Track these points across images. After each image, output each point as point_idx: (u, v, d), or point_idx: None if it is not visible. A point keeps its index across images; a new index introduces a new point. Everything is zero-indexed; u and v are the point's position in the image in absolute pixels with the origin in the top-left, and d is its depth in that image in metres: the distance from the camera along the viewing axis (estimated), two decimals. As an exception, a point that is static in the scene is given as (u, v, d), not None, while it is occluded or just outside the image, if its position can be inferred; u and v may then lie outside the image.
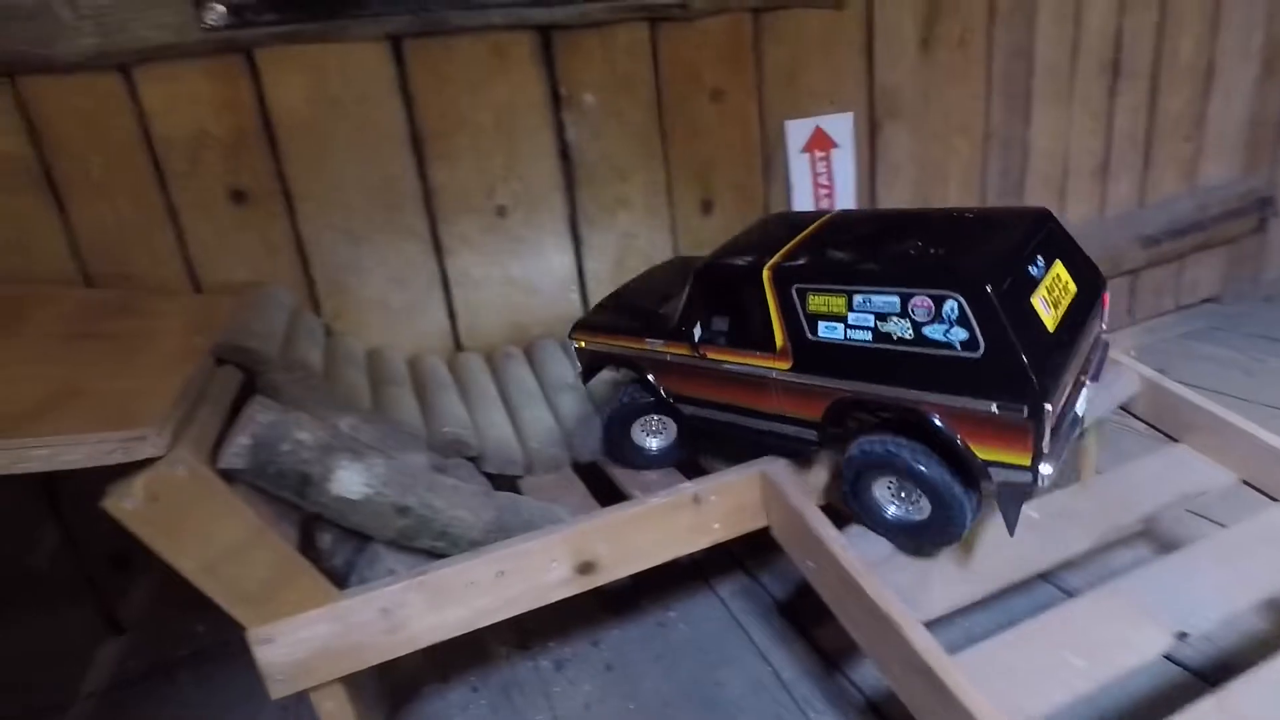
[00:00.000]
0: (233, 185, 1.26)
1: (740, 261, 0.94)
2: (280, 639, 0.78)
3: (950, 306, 0.78)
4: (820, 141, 1.68)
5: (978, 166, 1.90)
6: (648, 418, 1.12)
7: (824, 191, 1.71)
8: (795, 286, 0.88)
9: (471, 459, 1.10)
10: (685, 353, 1.01)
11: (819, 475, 1.03)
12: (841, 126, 1.69)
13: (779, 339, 0.91)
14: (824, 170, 1.69)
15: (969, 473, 0.83)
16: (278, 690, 0.79)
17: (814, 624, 1.25)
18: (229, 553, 0.73)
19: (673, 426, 1.12)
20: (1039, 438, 0.76)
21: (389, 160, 1.34)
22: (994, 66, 1.82)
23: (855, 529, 0.94)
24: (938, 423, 0.81)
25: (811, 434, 0.94)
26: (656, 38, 1.47)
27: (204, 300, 1.21)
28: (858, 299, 0.83)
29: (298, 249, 1.33)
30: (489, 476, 1.09)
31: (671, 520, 0.94)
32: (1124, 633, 0.83)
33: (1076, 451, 1.29)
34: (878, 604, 0.78)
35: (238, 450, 0.72)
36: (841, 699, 1.10)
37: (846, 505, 0.94)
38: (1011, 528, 0.84)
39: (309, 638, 0.79)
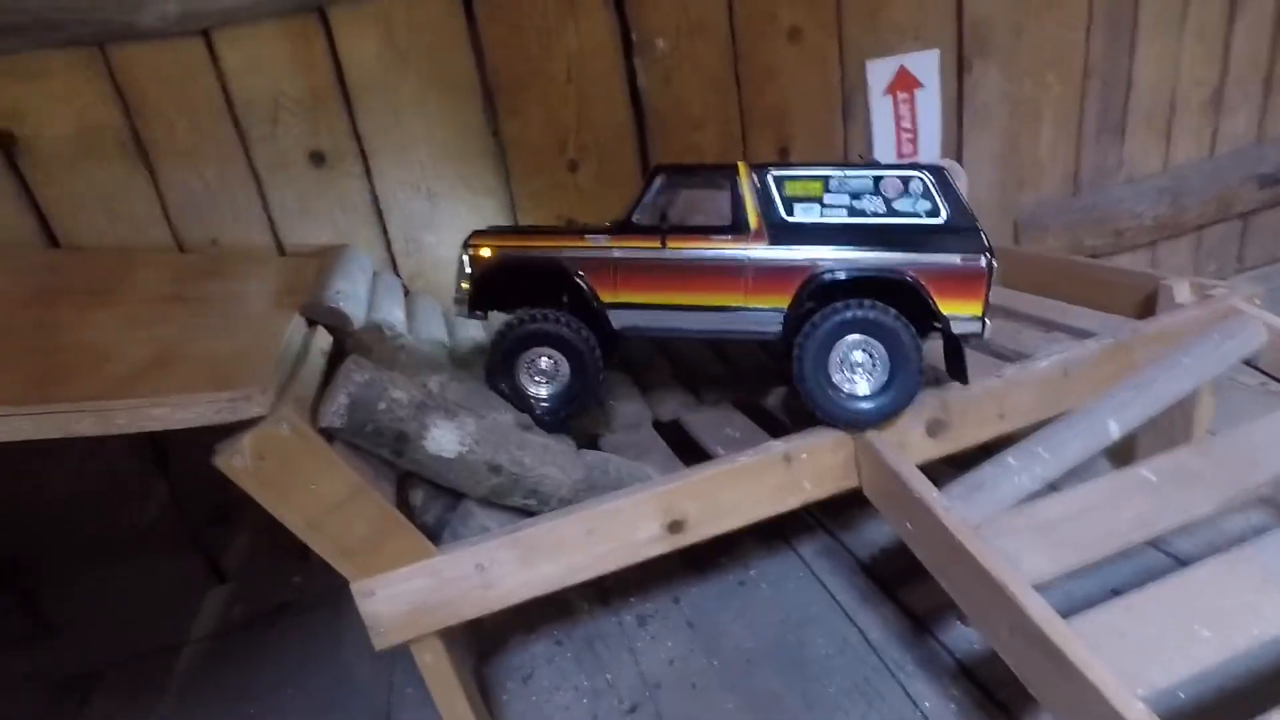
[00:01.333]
0: (311, 147, 1.27)
1: (711, 164, 1.00)
2: (381, 592, 0.80)
3: (916, 184, 0.94)
4: (904, 82, 1.58)
5: (1074, 105, 1.77)
6: (537, 354, 0.99)
7: (907, 135, 1.62)
8: (772, 174, 0.96)
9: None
10: (642, 244, 0.96)
11: (912, 431, 0.98)
12: (927, 65, 1.59)
13: (753, 221, 0.95)
14: (907, 113, 1.60)
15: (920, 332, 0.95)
16: (380, 642, 0.82)
17: (901, 585, 1.22)
18: (331, 508, 0.75)
19: (565, 370, 1.00)
20: (989, 287, 0.93)
21: (460, 115, 1.32)
22: (1096, -8, 1.68)
23: (954, 488, 0.90)
24: (910, 279, 0.92)
25: (776, 321, 0.95)
26: (732, -23, 1.40)
27: (288, 262, 1.23)
28: (833, 181, 0.95)
29: (375, 209, 1.33)
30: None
31: (761, 479, 0.92)
32: (1253, 601, 0.78)
33: (1185, 409, 1.21)
34: (987, 568, 0.74)
35: (337, 409, 0.73)
36: (933, 662, 1.07)
37: (797, 380, 0.95)
38: (964, 376, 0.99)
39: (408, 591, 0.81)
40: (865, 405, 0.95)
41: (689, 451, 1.08)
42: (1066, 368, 1.05)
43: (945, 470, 0.99)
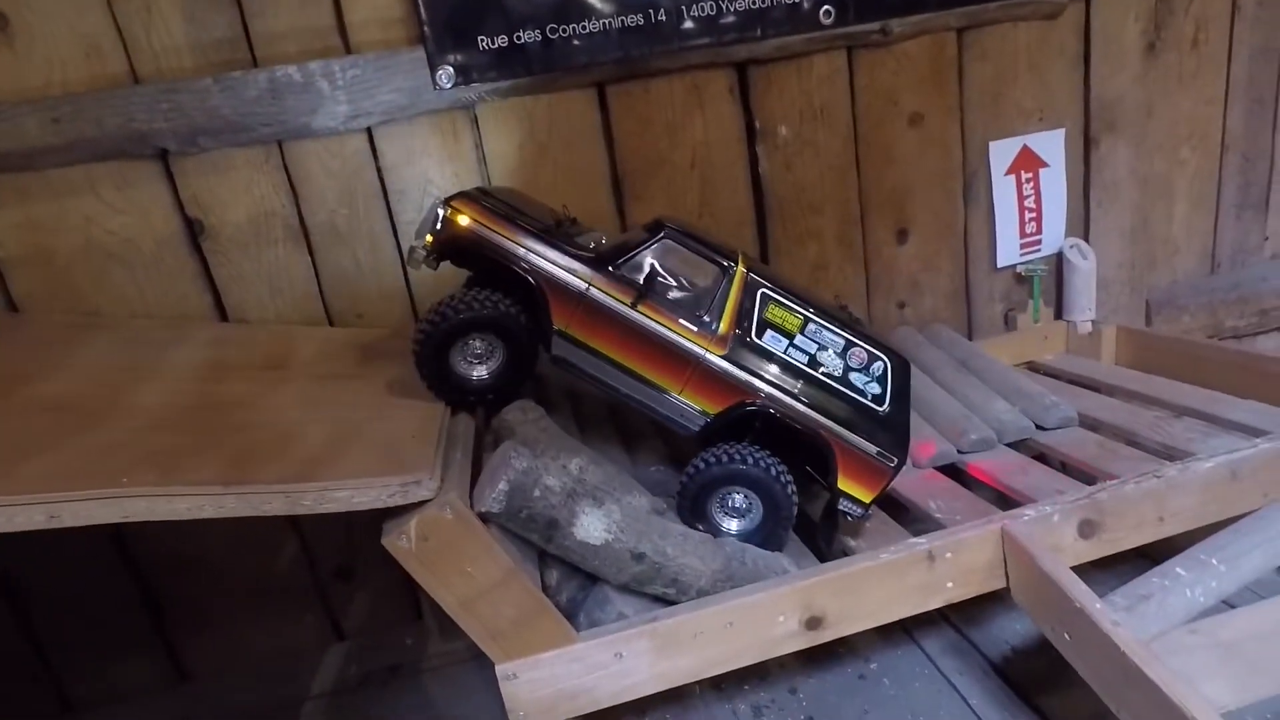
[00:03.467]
0: (453, 230, 1.36)
1: (715, 243, 1.00)
2: (523, 676, 0.81)
3: (878, 366, 0.99)
4: (1027, 161, 1.56)
5: (1211, 180, 1.69)
6: (472, 339, 0.97)
7: (1030, 215, 1.59)
8: (762, 291, 0.98)
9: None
10: (614, 295, 0.95)
11: (1065, 533, 0.94)
12: (1051, 144, 1.57)
13: (724, 327, 0.96)
14: (1031, 192, 1.58)
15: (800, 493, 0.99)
16: (520, 725, 0.82)
17: (1041, 692, 1.14)
18: (484, 591, 0.77)
19: (501, 352, 0.98)
20: (887, 486, 0.99)
21: (591, 201, 1.39)
22: (1234, 68, 1.62)
23: (1117, 598, 0.85)
24: (830, 448, 0.96)
25: (698, 421, 0.97)
26: (854, 65, 1.43)
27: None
28: (811, 326, 0.98)
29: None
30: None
31: (903, 577, 0.89)
32: None
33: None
34: (1172, 699, 0.69)
35: (496, 495, 0.76)
36: (1085, 783, 0.99)
37: (683, 505, 0.97)
38: (829, 550, 1.02)
39: (550, 677, 0.82)
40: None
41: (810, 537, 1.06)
42: (1234, 469, 0.98)
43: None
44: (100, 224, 1.24)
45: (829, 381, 0.97)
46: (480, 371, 1.00)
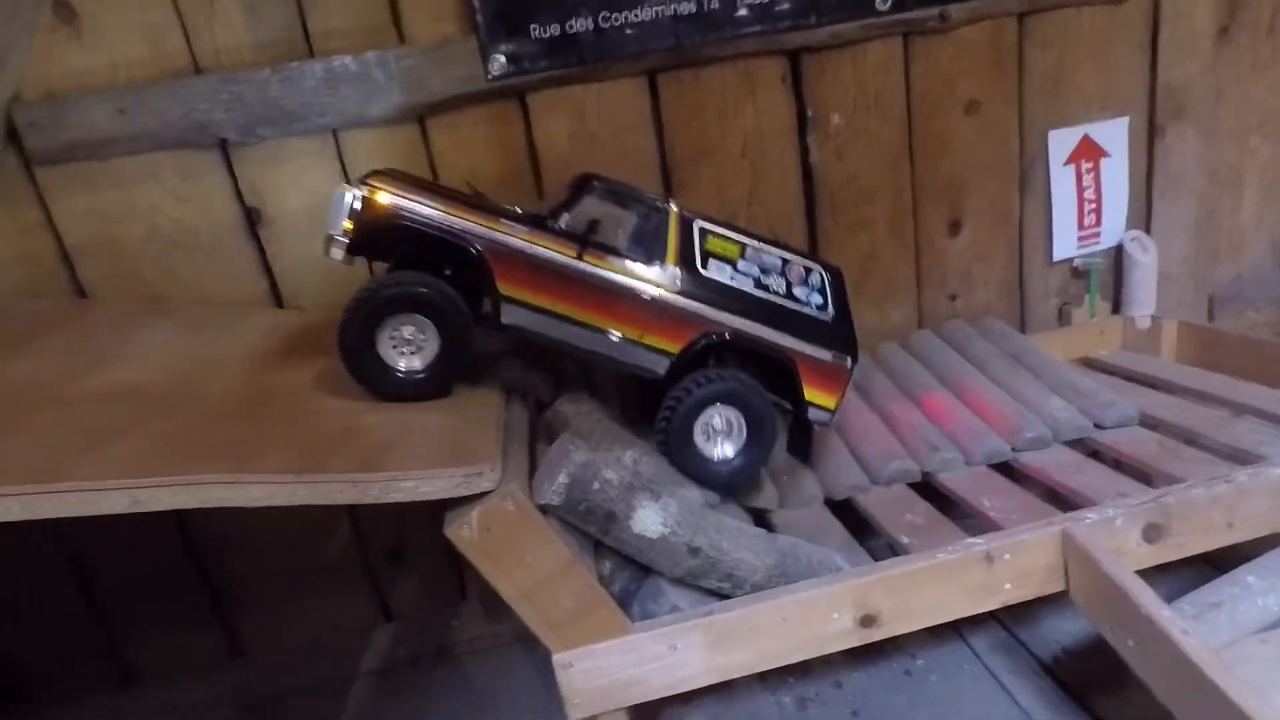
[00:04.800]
0: (503, 220, 1.36)
1: (645, 191, 1.02)
2: (579, 665, 0.82)
3: (815, 277, 1.06)
4: (1088, 151, 1.51)
5: (1283, 170, 1.62)
6: (403, 321, 0.89)
7: (1090, 206, 1.54)
8: (699, 225, 1.02)
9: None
10: (558, 249, 0.92)
11: (1128, 536, 0.91)
12: (1114, 133, 1.52)
13: (671, 262, 0.97)
14: (1091, 183, 1.53)
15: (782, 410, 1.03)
16: (575, 713, 0.84)
17: (1094, 693, 1.12)
18: (543, 582, 0.78)
19: (435, 342, 0.91)
20: (847, 386, 1.03)
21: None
22: (1312, 53, 1.55)
23: (1184, 605, 0.83)
24: (789, 361, 0.99)
25: (662, 363, 0.97)
26: (909, 52, 1.40)
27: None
28: (749, 250, 1.03)
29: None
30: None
31: (959, 577, 0.88)
32: None
33: None
34: (1240, 707, 0.67)
35: (556, 488, 0.77)
36: (1141, 788, 0.97)
37: (663, 435, 0.97)
38: (806, 455, 1.13)
39: (605, 667, 0.82)
40: (724, 467, 1.00)
41: (859, 528, 1.06)
42: (1310, 475, 0.95)
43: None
44: (163, 212, 1.27)
45: (776, 300, 1.00)
46: (413, 363, 0.91)
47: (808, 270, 1.05)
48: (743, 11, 1.29)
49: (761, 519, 1.12)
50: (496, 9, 1.24)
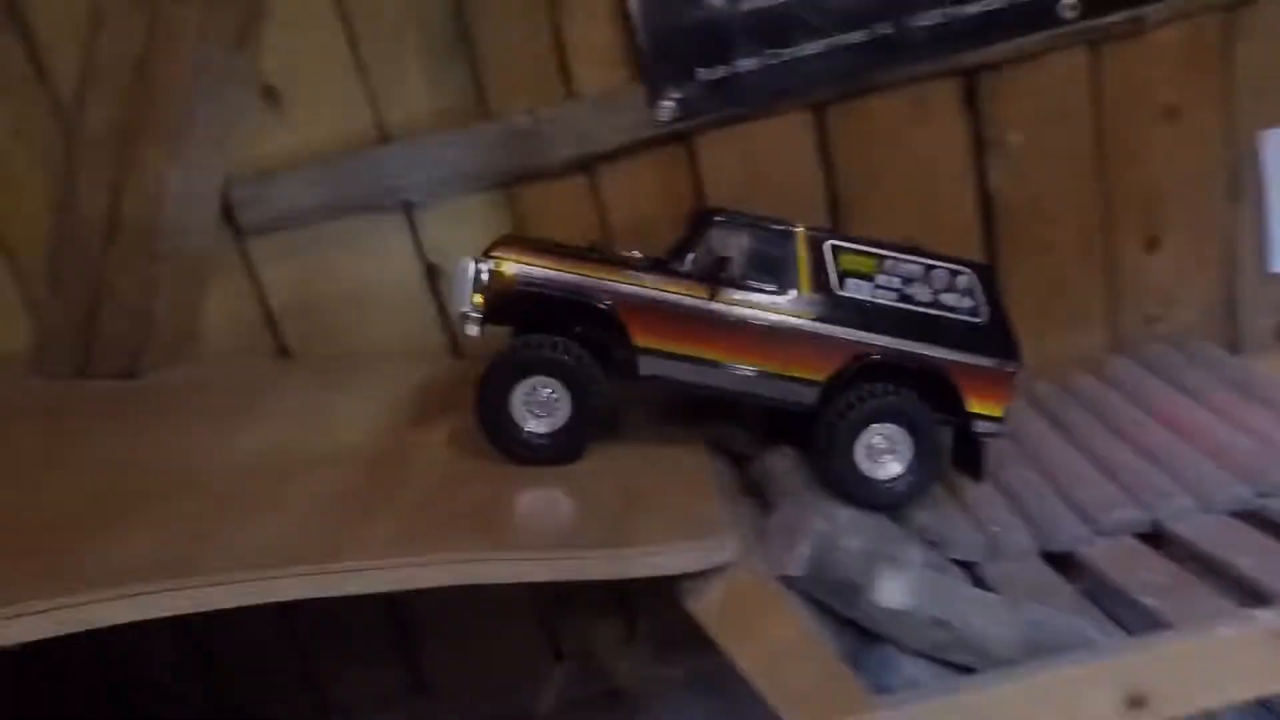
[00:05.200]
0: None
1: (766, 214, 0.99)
2: (815, 741, 0.79)
3: (963, 279, 0.98)
4: (1307, 151, 1.36)
5: None
6: (538, 383, 0.90)
7: (1311, 211, 1.38)
8: (828, 243, 0.96)
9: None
10: (688, 292, 0.91)
11: None
12: (1338, 128, 1.35)
13: (805, 289, 0.94)
14: (1312, 184, 1.37)
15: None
16: (812, 789, 0.80)
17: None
18: (783, 654, 0.75)
19: (567, 404, 0.90)
20: (1014, 392, 0.98)
21: (806, 222, 1.35)
22: None
23: None
24: (949, 374, 0.94)
25: (810, 393, 0.93)
26: (1098, 60, 1.30)
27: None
28: (887, 262, 0.96)
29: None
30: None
31: (1243, 657, 0.79)
32: None
33: None
34: None
35: (797, 559, 0.75)
36: None
37: (822, 465, 0.95)
38: (979, 472, 1.03)
39: (842, 743, 0.79)
40: (895, 487, 0.95)
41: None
42: None
43: None
44: (353, 272, 1.34)
45: (922, 310, 0.96)
46: (539, 426, 0.91)
47: (953, 273, 0.98)
48: (916, 35, 1.24)
49: (969, 572, 1.05)
50: (661, 54, 1.25)
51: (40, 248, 1.26)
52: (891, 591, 0.76)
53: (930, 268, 0.97)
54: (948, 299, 0.97)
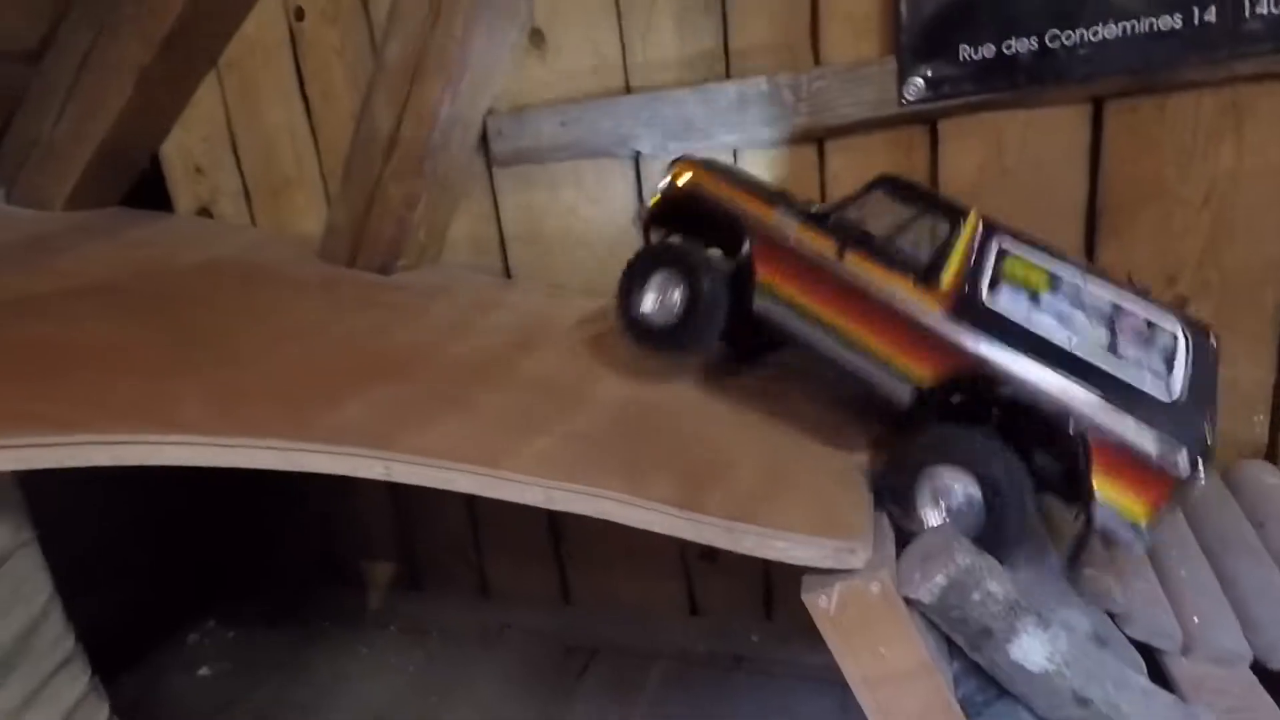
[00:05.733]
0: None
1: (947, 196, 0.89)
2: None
3: (1165, 338, 0.76)
4: None
5: None
6: (670, 271, 0.97)
7: None
8: (1001, 244, 0.82)
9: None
10: (821, 242, 0.88)
11: None
12: None
13: (947, 280, 0.82)
14: None
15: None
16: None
17: None
18: (892, 676, 0.73)
19: (683, 298, 0.96)
20: (1171, 500, 0.74)
21: (1054, 234, 1.19)
22: None
23: None
24: (1077, 433, 0.75)
25: (905, 391, 0.84)
26: None
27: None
28: (1064, 283, 0.79)
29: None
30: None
31: None
32: None
33: None
34: None
35: (930, 586, 0.71)
36: None
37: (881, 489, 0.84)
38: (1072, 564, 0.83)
39: (942, 788, 0.75)
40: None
41: None
42: None
43: None
44: (578, 212, 1.44)
45: (1083, 353, 0.77)
46: (658, 315, 1.00)
47: (1152, 326, 0.77)
48: (1252, 25, 1.02)
49: (1154, 662, 0.91)
50: (924, 26, 1.15)
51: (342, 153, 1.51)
52: (1028, 649, 0.69)
53: (1122, 309, 0.78)
54: (1131, 352, 0.76)
